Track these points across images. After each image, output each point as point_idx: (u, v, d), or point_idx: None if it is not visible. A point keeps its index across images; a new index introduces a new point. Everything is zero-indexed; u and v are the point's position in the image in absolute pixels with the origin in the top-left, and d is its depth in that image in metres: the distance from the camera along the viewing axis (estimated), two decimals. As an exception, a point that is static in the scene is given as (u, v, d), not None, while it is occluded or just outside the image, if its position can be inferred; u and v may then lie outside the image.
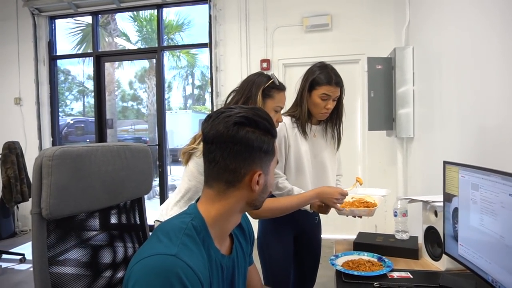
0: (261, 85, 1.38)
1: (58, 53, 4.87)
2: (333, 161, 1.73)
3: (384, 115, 3.14)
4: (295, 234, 1.69)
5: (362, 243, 1.58)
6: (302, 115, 1.62)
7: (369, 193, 1.66)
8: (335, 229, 3.36)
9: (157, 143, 4.49)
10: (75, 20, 6.33)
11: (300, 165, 1.62)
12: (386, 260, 1.41)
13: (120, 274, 1.05)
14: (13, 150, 3.56)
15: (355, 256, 1.47)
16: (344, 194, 1.46)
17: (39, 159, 0.81)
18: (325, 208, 1.51)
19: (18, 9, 4.54)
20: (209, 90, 4.20)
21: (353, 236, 1.69)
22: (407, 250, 1.51)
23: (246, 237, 1.03)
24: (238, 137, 0.80)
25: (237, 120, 0.81)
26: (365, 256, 1.47)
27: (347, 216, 1.57)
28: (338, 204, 1.47)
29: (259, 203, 0.89)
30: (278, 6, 3.95)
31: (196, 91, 13.64)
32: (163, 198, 4.52)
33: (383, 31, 3.74)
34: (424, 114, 2.73)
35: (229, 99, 1.44)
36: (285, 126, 1.59)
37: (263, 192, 0.87)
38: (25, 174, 3.64)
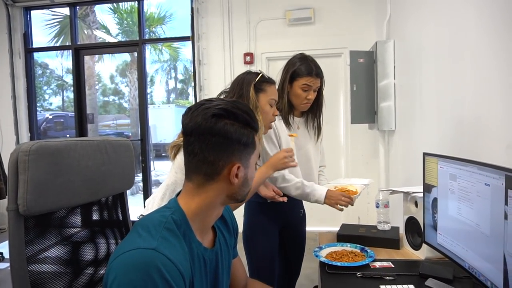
0: (251, 81, 1.39)
1: (35, 46, 4.71)
2: (317, 153, 1.76)
3: (366, 108, 3.18)
4: (280, 227, 1.70)
5: (345, 235, 1.61)
6: (284, 107, 1.63)
7: (352, 183, 1.69)
8: (319, 221, 3.40)
9: (139, 138, 4.43)
10: (52, 11, 6.14)
11: None
12: (368, 250, 1.43)
13: (102, 271, 1.03)
14: (-11, 146, 3.44)
15: (339, 248, 1.49)
16: (289, 151, 1.45)
17: (14, 154, 0.79)
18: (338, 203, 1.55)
19: (-9, -1, 4.36)
20: (193, 84, 4.15)
21: (337, 228, 1.71)
22: (389, 240, 1.55)
23: (229, 229, 1.03)
24: (216, 128, 0.80)
25: (215, 112, 0.80)
26: (348, 247, 1.49)
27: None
28: (291, 162, 1.43)
29: (240, 197, 0.88)
30: (261, -1, 3.93)
31: (179, 85, 13.50)
32: (146, 193, 4.47)
33: (365, 24, 3.77)
34: (405, 107, 2.78)
35: None
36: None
37: (244, 185, 0.86)
38: (1, 171, 3.53)
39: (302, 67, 1.60)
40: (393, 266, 1.33)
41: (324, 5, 3.85)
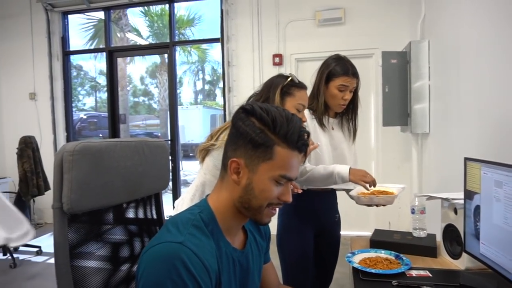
0: (279, 84, 1.37)
1: (71, 49, 4.91)
2: (351, 154, 1.72)
3: (398, 110, 3.09)
4: (315, 230, 1.68)
5: (379, 241, 1.56)
6: (319, 108, 1.61)
7: (388, 186, 1.65)
8: (349, 225, 3.31)
9: (169, 139, 4.51)
10: (87, 15, 6.38)
11: (319, 157, 1.61)
12: (404, 258, 1.38)
13: (137, 268, 1.06)
14: (29, 144, 3.62)
15: (372, 254, 1.45)
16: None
17: (60, 154, 0.81)
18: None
19: (32, 4, 4.58)
20: (220, 85, 4.19)
21: (367, 233, 1.67)
22: (425, 248, 1.49)
23: (261, 233, 1.02)
24: (234, 120, 0.84)
25: (243, 106, 0.84)
26: (383, 254, 1.45)
27: (366, 205, 1.55)
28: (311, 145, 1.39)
29: (248, 205, 0.82)
30: (290, 0, 3.91)
31: (206, 86, 13.68)
32: (175, 193, 4.55)
33: (398, 24, 3.67)
34: (441, 109, 2.67)
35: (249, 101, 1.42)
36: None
37: (248, 191, 0.81)
38: (40, 168, 3.70)
39: (338, 67, 1.58)
40: (430, 275, 1.28)
41: (355, 5, 3.78)
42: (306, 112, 1.61)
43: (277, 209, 0.87)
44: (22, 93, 4.72)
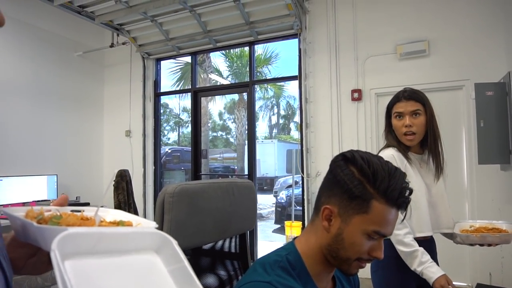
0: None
1: (162, 90, 5.44)
2: (444, 190, 1.52)
3: (497, 146, 2.78)
4: (417, 283, 1.45)
5: (485, 298, 1.36)
6: (391, 143, 1.51)
7: (494, 223, 1.43)
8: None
9: (247, 173, 4.62)
10: (176, 60, 7.07)
11: (414, 202, 1.45)
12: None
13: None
14: (124, 177, 4.00)
15: (478, 314, 1.27)
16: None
17: (161, 195, 0.88)
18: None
19: (132, 54, 5.24)
20: (295, 119, 4.24)
21: (461, 283, 1.45)
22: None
23: (350, 281, 0.97)
24: (332, 167, 0.82)
25: (344, 153, 0.82)
26: (490, 315, 1.26)
27: (472, 245, 1.36)
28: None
29: (336, 255, 0.79)
30: (369, 35, 3.87)
31: (281, 121, 13.94)
32: (251, 227, 4.59)
33: (491, 54, 3.37)
34: (552, 146, 2.34)
35: None
36: (394, 159, 1.43)
37: (337, 241, 0.79)
38: (132, 199, 4.05)
39: (393, 97, 1.52)
40: None
41: (440, 36, 3.59)
42: (390, 150, 1.48)
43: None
44: (120, 131, 5.31)
